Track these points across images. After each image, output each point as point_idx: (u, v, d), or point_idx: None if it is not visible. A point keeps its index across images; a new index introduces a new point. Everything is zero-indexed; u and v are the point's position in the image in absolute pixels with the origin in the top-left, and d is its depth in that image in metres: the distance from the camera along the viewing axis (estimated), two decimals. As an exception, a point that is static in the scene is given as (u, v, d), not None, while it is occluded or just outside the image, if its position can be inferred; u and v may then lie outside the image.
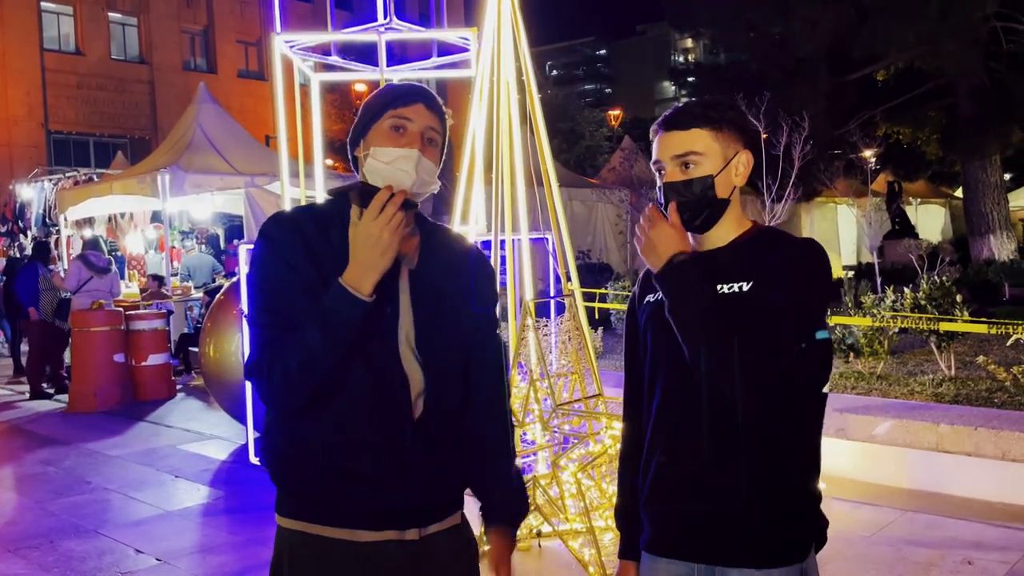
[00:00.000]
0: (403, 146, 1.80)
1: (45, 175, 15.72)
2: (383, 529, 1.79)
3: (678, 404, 1.84)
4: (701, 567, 1.81)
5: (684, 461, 1.82)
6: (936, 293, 7.20)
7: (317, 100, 6.71)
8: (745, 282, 1.78)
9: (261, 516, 5.26)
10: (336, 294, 1.69)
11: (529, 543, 4.57)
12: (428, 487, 1.82)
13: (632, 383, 2.03)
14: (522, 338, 4.52)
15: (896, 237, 18.50)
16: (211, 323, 7.93)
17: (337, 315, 1.69)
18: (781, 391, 1.76)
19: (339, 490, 1.77)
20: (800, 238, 1.89)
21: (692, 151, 1.81)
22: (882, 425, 5.47)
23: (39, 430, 8.50)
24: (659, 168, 1.87)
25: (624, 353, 2.07)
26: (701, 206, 1.82)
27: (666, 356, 1.86)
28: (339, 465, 1.76)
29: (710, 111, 1.83)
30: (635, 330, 2.00)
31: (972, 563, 4.18)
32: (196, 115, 13.13)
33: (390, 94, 1.87)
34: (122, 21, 26.24)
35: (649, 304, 1.93)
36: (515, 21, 4.94)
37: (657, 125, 1.88)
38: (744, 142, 1.87)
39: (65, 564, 4.74)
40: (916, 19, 15.19)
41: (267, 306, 1.76)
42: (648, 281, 1.96)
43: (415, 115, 1.82)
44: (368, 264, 1.69)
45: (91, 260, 10.19)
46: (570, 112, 38.75)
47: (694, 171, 1.81)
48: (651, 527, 1.90)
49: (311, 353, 1.69)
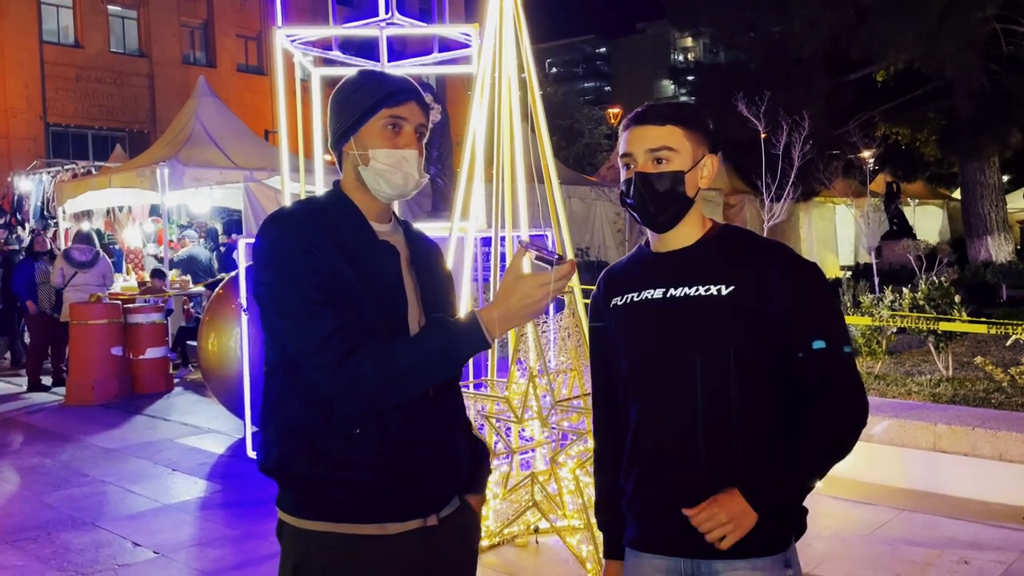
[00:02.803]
0: (401, 146, 1.83)
1: (43, 168, 15.67)
2: (409, 519, 1.80)
3: (664, 407, 1.84)
4: (686, 561, 1.83)
5: (672, 464, 1.82)
6: (934, 293, 7.21)
7: (318, 95, 6.70)
8: (723, 285, 1.80)
9: (258, 510, 5.26)
10: (470, 325, 1.69)
11: (527, 539, 4.58)
12: (449, 468, 1.86)
13: (602, 384, 2.03)
14: (521, 335, 4.52)
15: (894, 238, 18.51)
16: (210, 317, 7.93)
17: (459, 340, 1.70)
18: (778, 396, 1.80)
19: (379, 486, 1.76)
20: (770, 240, 1.93)
21: (666, 146, 1.85)
22: (879, 425, 5.47)
23: (37, 423, 8.49)
24: (629, 161, 1.89)
25: (591, 354, 2.07)
26: (669, 200, 1.85)
27: (645, 360, 1.87)
28: (381, 462, 1.75)
29: (683, 111, 1.89)
30: (603, 332, 2.00)
31: (969, 563, 4.20)
32: (195, 109, 13.11)
33: (380, 90, 1.85)
34: (121, 14, 26.15)
35: (618, 307, 1.93)
36: (517, 17, 4.94)
37: (629, 119, 1.91)
38: (710, 147, 1.91)
39: (62, 556, 4.74)
40: (915, 20, 15.20)
41: (323, 299, 1.70)
42: (613, 282, 1.98)
43: (409, 114, 1.85)
44: (514, 319, 1.70)
45: (73, 256, 10.22)
46: (569, 110, 38.71)
47: (666, 166, 1.85)
48: (635, 524, 1.91)
49: (412, 367, 1.68)
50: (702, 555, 1.80)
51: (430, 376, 1.72)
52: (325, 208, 1.84)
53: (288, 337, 1.73)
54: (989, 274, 15.05)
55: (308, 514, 1.80)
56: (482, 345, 1.69)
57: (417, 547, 1.82)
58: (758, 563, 1.79)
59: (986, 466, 5.08)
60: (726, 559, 1.78)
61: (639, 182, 1.85)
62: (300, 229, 1.76)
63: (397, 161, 1.82)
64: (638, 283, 1.91)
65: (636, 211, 1.88)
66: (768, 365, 1.80)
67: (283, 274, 1.73)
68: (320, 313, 1.69)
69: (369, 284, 1.76)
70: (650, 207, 1.85)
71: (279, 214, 1.83)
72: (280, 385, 1.80)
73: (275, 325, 1.76)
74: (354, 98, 1.85)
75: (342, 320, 1.69)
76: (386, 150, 1.82)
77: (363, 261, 1.77)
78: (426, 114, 1.88)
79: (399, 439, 1.76)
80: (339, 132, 1.88)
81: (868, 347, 7.37)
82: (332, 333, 1.67)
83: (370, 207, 1.88)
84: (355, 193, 1.88)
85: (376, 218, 1.88)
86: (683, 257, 1.88)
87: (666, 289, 1.85)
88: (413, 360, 1.68)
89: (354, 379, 1.66)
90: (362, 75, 1.90)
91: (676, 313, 1.83)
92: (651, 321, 1.86)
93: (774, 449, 1.78)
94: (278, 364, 1.81)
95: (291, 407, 1.78)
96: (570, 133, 37.19)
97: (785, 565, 1.82)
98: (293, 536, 1.82)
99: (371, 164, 1.83)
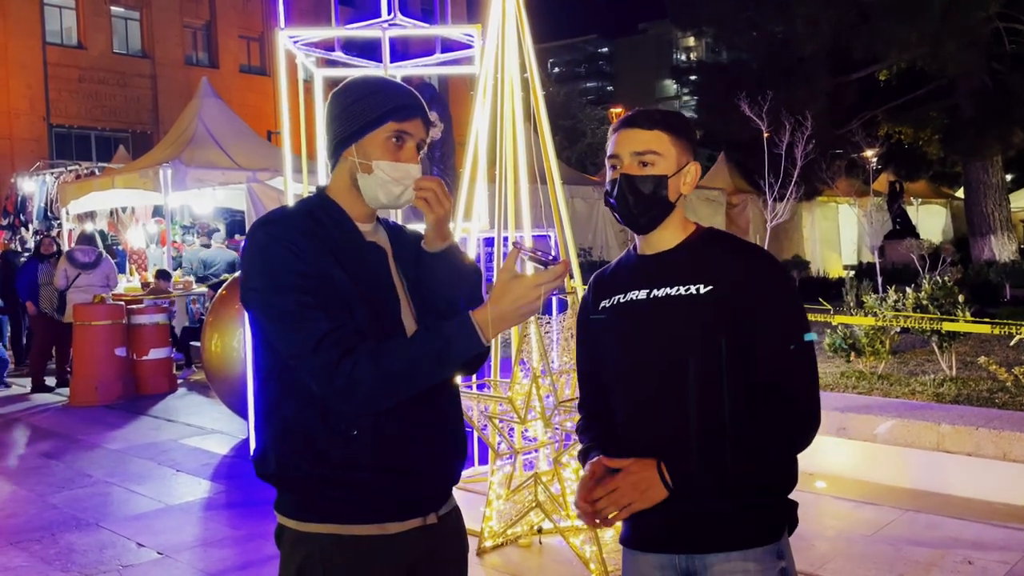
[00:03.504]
0: (404, 160, 1.86)
1: (47, 169, 15.71)
2: (409, 518, 1.82)
3: (650, 405, 1.88)
4: (681, 557, 1.87)
5: (668, 463, 1.84)
6: (938, 293, 7.20)
7: (320, 96, 6.70)
8: (702, 284, 1.85)
9: (262, 511, 5.27)
10: (463, 326, 1.69)
11: (530, 539, 4.58)
12: (446, 464, 1.89)
13: (592, 386, 2.07)
14: (524, 335, 4.53)
15: (897, 237, 18.48)
16: (213, 318, 7.94)
17: (453, 342, 1.69)
18: (769, 390, 1.84)
19: (378, 486, 1.78)
20: (749, 243, 1.99)
21: (652, 150, 1.90)
22: (883, 425, 5.47)
23: (40, 423, 8.51)
24: (615, 163, 1.93)
25: (577, 356, 2.13)
26: (651, 203, 1.90)
27: (631, 359, 1.92)
28: (380, 461, 1.77)
29: (670, 118, 1.95)
30: (591, 335, 2.05)
31: (972, 563, 4.19)
32: (198, 110, 13.13)
33: (388, 102, 1.85)
34: (124, 15, 26.18)
35: (606, 309, 1.98)
36: (519, 18, 4.94)
37: (618, 123, 1.96)
38: (693, 155, 1.97)
39: (66, 557, 4.75)
40: (918, 19, 15.18)
41: (314, 302, 1.71)
42: (602, 285, 2.03)
43: (414, 129, 1.87)
44: (508, 319, 1.70)
45: (75, 257, 10.24)
46: (572, 110, 38.73)
47: (651, 169, 1.90)
48: (629, 523, 1.95)
49: (407, 369, 1.69)
50: (696, 550, 1.85)
51: (425, 378, 1.72)
52: (312, 211, 1.85)
53: (280, 341, 1.74)
54: (992, 273, 15.03)
55: (308, 516, 1.80)
56: (477, 346, 1.69)
57: (417, 546, 1.83)
58: (751, 554, 1.82)
59: (990, 466, 5.08)
60: (719, 552, 1.82)
61: (623, 183, 1.91)
62: (288, 232, 1.76)
63: (401, 175, 1.85)
64: (625, 285, 1.97)
65: (618, 211, 1.94)
66: (749, 362, 1.85)
67: (273, 278, 1.73)
68: (312, 316, 1.69)
69: (360, 285, 1.77)
70: (632, 208, 1.91)
71: (267, 218, 1.84)
72: (275, 389, 1.81)
73: (267, 329, 1.77)
74: (360, 105, 1.86)
75: (334, 322, 1.70)
76: (390, 163, 1.84)
77: (353, 263, 1.79)
78: (427, 130, 1.91)
79: (396, 438, 1.78)
80: (340, 136, 1.88)
81: (871, 347, 7.36)
82: (325, 336, 1.68)
83: (356, 210, 1.89)
84: (343, 196, 1.89)
85: (361, 219, 1.90)
86: (666, 259, 1.94)
87: (650, 290, 1.91)
88: (408, 362, 1.69)
89: (349, 381, 1.67)
90: (370, 83, 1.90)
91: (658, 313, 1.88)
92: (635, 321, 1.92)
93: (757, 440, 1.82)
94: (271, 367, 1.81)
95: (287, 410, 1.78)
96: (572, 133, 37.20)
97: (777, 556, 1.86)
98: (294, 540, 1.82)
99: (374, 174, 1.84)
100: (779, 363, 1.83)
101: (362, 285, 1.78)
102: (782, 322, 1.85)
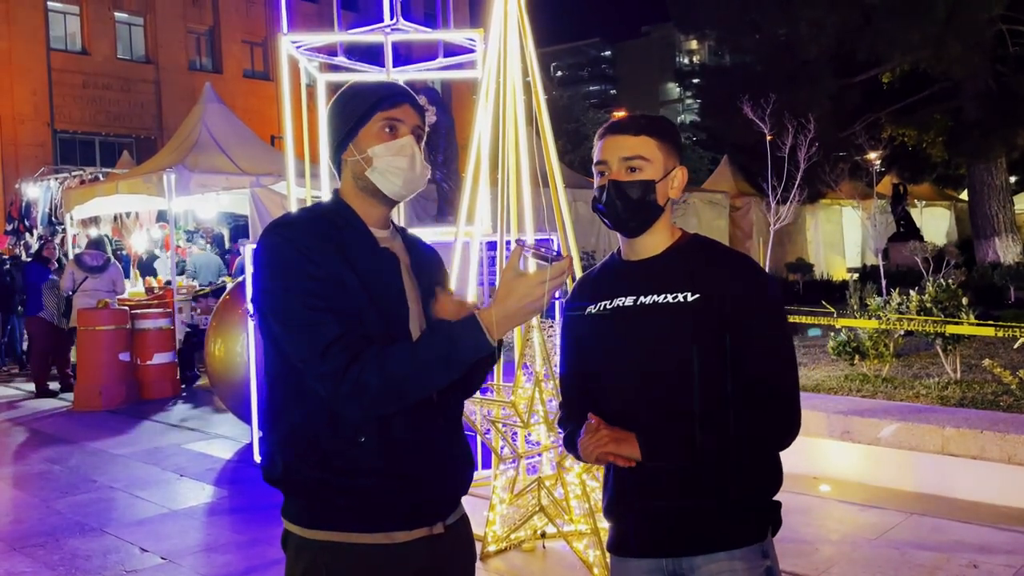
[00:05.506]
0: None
1: (51, 174, 15.73)
2: (415, 528, 1.81)
3: (635, 411, 1.90)
4: (668, 560, 1.90)
5: (645, 467, 1.86)
6: (942, 296, 7.17)
7: (323, 100, 6.71)
8: (689, 292, 1.88)
9: (266, 515, 5.26)
10: (469, 327, 1.68)
11: (534, 544, 4.57)
12: (454, 473, 1.89)
13: (577, 387, 2.07)
14: (527, 339, 4.53)
15: (901, 239, 18.43)
16: (217, 323, 7.95)
17: (459, 343, 1.68)
18: (751, 395, 1.87)
19: (385, 493, 1.77)
20: (736, 251, 2.02)
21: (639, 155, 1.92)
22: (887, 428, 5.46)
23: (44, 428, 8.52)
24: (603, 169, 1.95)
25: (561, 358, 2.14)
26: (639, 207, 1.92)
27: (617, 365, 1.94)
28: (386, 469, 1.76)
29: (656, 124, 1.97)
30: (576, 338, 2.06)
31: (977, 567, 4.17)
32: (202, 115, 13.14)
33: (374, 95, 1.88)
34: (128, 21, 26.25)
35: (592, 315, 1.99)
36: (521, 21, 4.95)
37: (604, 129, 1.99)
38: (680, 160, 1.99)
39: (70, 563, 4.75)
40: (921, 21, 15.17)
41: (324, 306, 1.70)
42: (587, 289, 2.05)
43: (404, 115, 1.87)
44: (514, 318, 1.69)
45: (84, 261, 10.27)
46: (575, 113, 38.72)
47: (639, 175, 1.92)
48: (616, 530, 1.98)
49: (413, 372, 1.68)
50: (682, 552, 1.88)
51: (432, 381, 1.72)
52: (326, 215, 1.85)
53: (289, 344, 1.73)
54: (997, 276, 14.97)
55: (314, 523, 1.79)
56: (483, 346, 1.68)
57: (424, 556, 1.82)
58: (736, 554, 1.86)
59: (995, 469, 5.06)
60: (705, 553, 1.86)
61: (612, 189, 1.92)
62: (301, 236, 1.76)
63: (398, 149, 1.84)
64: (611, 291, 1.98)
65: (608, 217, 1.95)
66: (733, 368, 1.87)
67: (284, 281, 1.73)
68: (321, 320, 1.69)
69: (372, 290, 1.76)
70: (621, 213, 1.93)
71: (280, 221, 1.84)
72: (283, 392, 1.80)
73: (276, 333, 1.76)
74: (349, 106, 1.88)
75: (344, 327, 1.69)
76: (384, 144, 1.85)
77: (365, 268, 1.78)
78: (421, 116, 1.90)
79: (404, 445, 1.77)
80: (337, 140, 1.89)
81: (875, 350, 7.34)
82: (334, 341, 1.67)
83: (370, 214, 1.89)
84: (355, 200, 1.89)
85: (376, 224, 1.89)
86: (653, 265, 1.96)
87: (636, 297, 1.92)
88: (415, 366, 1.68)
89: (357, 387, 1.66)
90: (356, 86, 1.93)
91: (646, 320, 1.90)
92: (623, 328, 1.93)
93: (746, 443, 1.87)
94: (280, 371, 1.80)
95: (295, 414, 1.77)
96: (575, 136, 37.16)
97: (763, 555, 1.89)
98: (299, 546, 1.82)
99: (375, 164, 1.84)
100: (761, 369, 1.86)
101: (373, 290, 1.77)
102: (767, 330, 1.88)
